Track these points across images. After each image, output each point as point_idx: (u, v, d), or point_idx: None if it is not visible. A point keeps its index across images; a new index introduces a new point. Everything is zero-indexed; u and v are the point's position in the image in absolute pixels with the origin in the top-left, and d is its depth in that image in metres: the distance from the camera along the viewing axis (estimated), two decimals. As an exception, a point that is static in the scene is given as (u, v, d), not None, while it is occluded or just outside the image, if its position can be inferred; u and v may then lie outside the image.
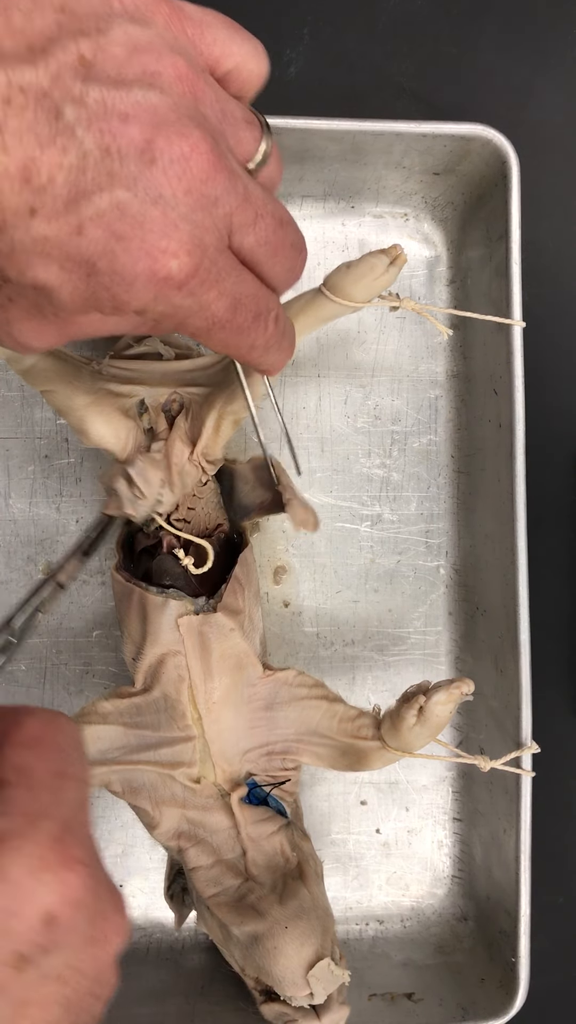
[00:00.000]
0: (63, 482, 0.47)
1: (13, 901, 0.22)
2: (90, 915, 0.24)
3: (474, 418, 0.48)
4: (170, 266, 0.25)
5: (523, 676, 0.42)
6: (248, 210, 0.27)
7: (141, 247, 0.24)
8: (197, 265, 0.26)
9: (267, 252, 0.29)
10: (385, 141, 0.42)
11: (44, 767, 0.25)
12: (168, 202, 0.25)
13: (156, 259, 0.25)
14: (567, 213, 0.50)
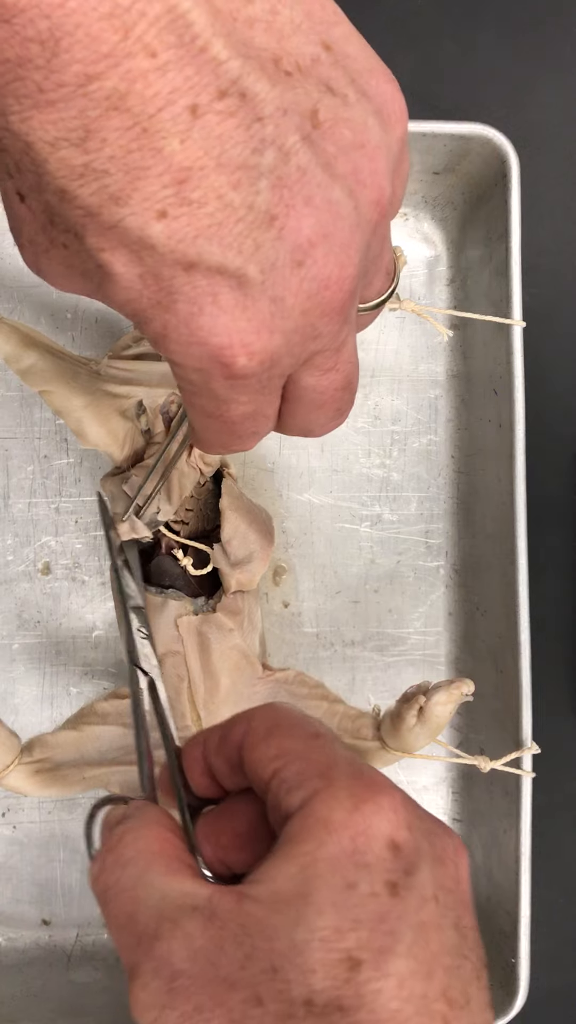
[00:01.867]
0: (62, 482, 0.47)
1: (354, 840, 0.23)
2: (425, 834, 0.24)
3: (474, 418, 0.47)
4: (237, 360, 0.22)
5: (523, 676, 0.42)
6: (331, 359, 0.25)
7: (229, 326, 0.22)
8: (259, 375, 0.23)
9: (313, 402, 0.27)
10: (385, 141, 0.42)
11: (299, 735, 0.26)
12: (282, 308, 0.22)
13: (232, 344, 0.22)
14: (567, 213, 0.50)
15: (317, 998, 0.21)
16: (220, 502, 0.40)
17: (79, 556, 0.47)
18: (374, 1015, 0.21)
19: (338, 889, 0.22)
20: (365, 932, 0.22)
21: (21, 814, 0.47)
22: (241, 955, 0.22)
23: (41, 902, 0.47)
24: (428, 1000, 0.22)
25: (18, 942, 0.47)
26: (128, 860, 0.25)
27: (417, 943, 0.22)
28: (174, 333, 0.22)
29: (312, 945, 0.21)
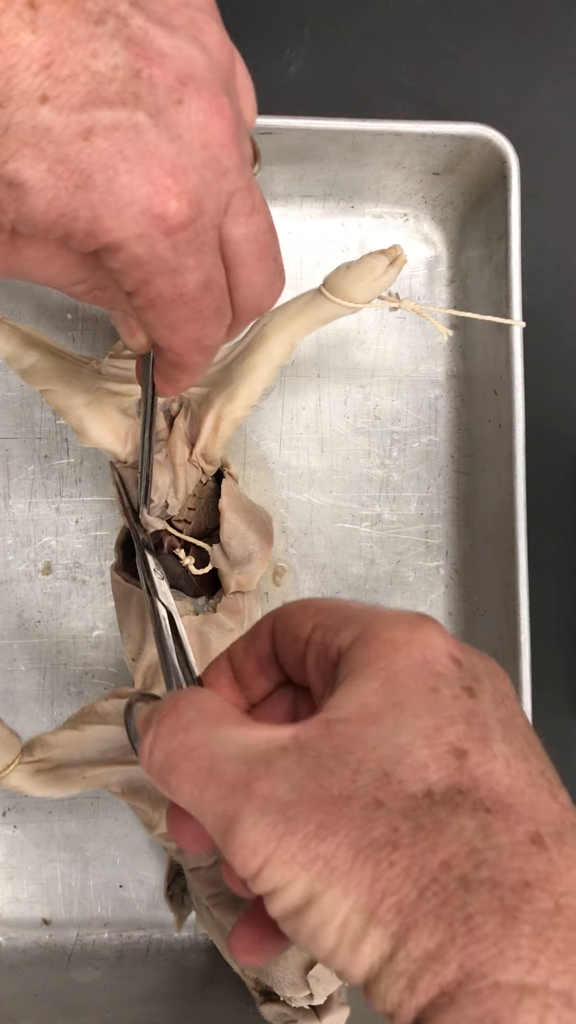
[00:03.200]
0: (63, 482, 0.47)
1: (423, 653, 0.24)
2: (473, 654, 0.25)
3: (474, 418, 0.48)
4: (169, 205, 0.24)
5: (523, 676, 0.42)
6: (248, 199, 0.26)
7: (146, 174, 0.23)
8: (193, 219, 0.24)
9: (253, 252, 0.28)
10: (385, 141, 0.42)
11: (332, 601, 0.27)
12: (185, 146, 0.24)
13: (158, 192, 0.23)
14: (567, 213, 0.50)
15: (436, 788, 0.21)
16: (219, 502, 0.40)
17: (79, 556, 0.47)
18: (493, 791, 0.22)
19: (425, 693, 0.23)
20: (462, 726, 0.22)
21: (22, 814, 0.47)
22: (349, 771, 0.22)
23: (42, 902, 0.47)
24: (533, 776, 0.23)
25: (18, 942, 0.47)
26: (190, 721, 0.24)
27: (508, 733, 0.23)
28: (103, 207, 0.23)
29: (418, 743, 0.22)
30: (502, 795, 0.22)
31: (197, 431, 0.40)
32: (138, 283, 0.25)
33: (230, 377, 0.39)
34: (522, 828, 0.21)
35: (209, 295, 0.27)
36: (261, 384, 0.39)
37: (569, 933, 0.20)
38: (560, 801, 0.23)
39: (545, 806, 0.22)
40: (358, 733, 0.23)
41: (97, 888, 0.47)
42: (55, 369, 0.38)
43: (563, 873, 0.20)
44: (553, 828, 0.21)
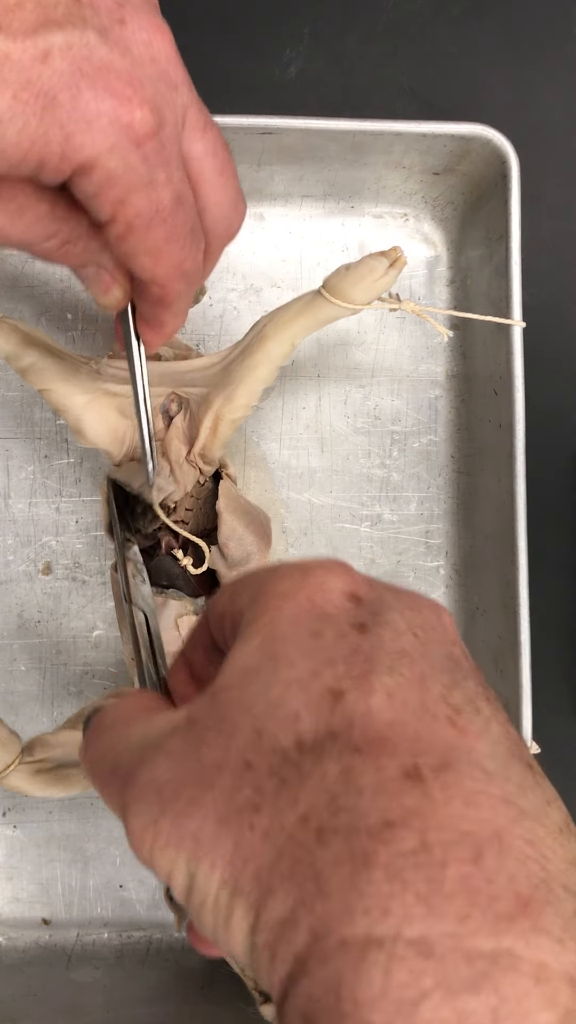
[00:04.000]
0: (63, 482, 0.47)
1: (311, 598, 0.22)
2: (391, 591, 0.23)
3: (474, 418, 0.47)
4: (134, 114, 0.24)
5: (523, 677, 0.42)
6: (201, 115, 0.28)
7: (107, 87, 0.24)
8: (157, 129, 0.25)
9: (215, 167, 0.29)
10: (385, 141, 0.42)
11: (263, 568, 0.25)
12: (135, 60, 0.25)
13: (121, 102, 0.24)
14: (567, 213, 0.50)
15: (306, 737, 0.20)
16: (217, 504, 0.40)
17: (79, 556, 0.47)
18: (369, 728, 0.20)
19: (304, 639, 0.21)
20: (342, 666, 0.21)
21: (22, 814, 0.47)
22: (223, 738, 0.20)
23: (42, 902, 0.47)
24: (426, 705, 0.20)
25: (18, 942, 0.47)
26: (108, 726, 0.24)
27: (400, 663, 0.21)
28: (72, 124, 0.24)
29: (290, 693, 0.20)
30: (379, 731, 0.20)
31: (196, 431, 0.40)
32: (115, 204, 0.26)
33: (229, 378, 0.39)
34: (395, 763, 0.19)
35: (183, 211, 0.27)
36: (260, 385, 0.39)
37: (434, 872, 0.18)
38: (460, 726, 0.20)
39: (434, 735, 0.20)
40: (237, 697, 0.21)
41: (97, 888, 0.47)
42: (54, 368, 0.38)
43: (439, 806, 0.18)
44: (437, 758, 0.19)
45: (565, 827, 0.20)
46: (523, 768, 0.21)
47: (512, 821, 0.19)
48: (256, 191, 0.47)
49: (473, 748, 0.20)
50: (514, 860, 0.18)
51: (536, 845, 0.19)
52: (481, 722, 0.21)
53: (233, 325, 0.48)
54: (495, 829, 0.18)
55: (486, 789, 0.19)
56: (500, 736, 0.21)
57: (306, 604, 0.22)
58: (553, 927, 0.18)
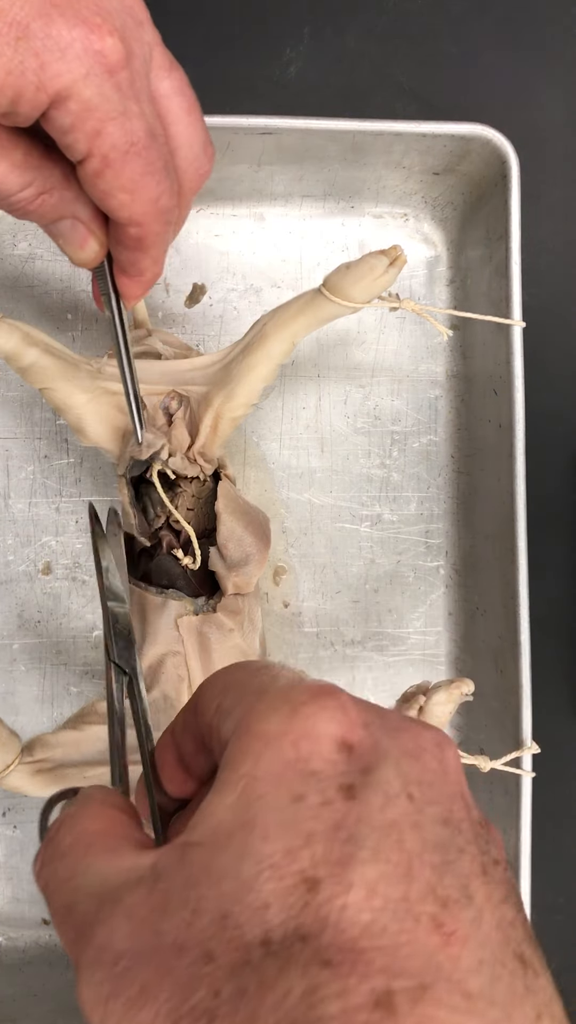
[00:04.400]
0: (62, 482, 0.47)
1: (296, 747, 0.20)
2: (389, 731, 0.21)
3: (474, 418, 0.48)
4: (106, 41, 0.25)
5: (523, 676, 0.42)
6: (166, 55, 0.28)
7: (77, 15, 0.25)
8: (127, 58, 0.26)
9: (183, 106, 0.29)
10: (385, 141, 0.42)
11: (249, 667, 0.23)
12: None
13: (92, 29, 0.25)
14: (567, 213, 0.50)
15: (274, 935, 0.17)
16: (216, 505, 0.40)
17: (79, 556, 0.47)
18: (342, 934, 0.17)
19: (283, 806, 0.19)
20: (320, 846, 0.18)
21: (22, 814, 0.47)
22: (188, 912, 0.18)
23: (41, 902, 0.47)
24: (410, 903, 0.18)
25: (18, 941, 0.47)
26: (66, 849, 0.21)
27: (386, 844, 0.18)
28: (46, 53, 0.24)
29: (262, 876, 0.18)
30: (354, 938, 0.17)
31: (196, 430, 0.40)
32: (91, 136, 0.26)
33: (230, 376, 0.39)
34: (367, 986, 0.17)
35: (156, 146, 0.28)
36: (261, 383, 0.39)
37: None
38: (446, 931, 0.18)
39: (415, 946, 0.17)
40: (207, 863, 0.19)
41: (97, 888, 0.47)
42: (54, 368, 0.38)
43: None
44: (414, 980, 0.17)
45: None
46: (513, 971, 0.19)
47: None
48: (256, 191, 0.47)
49: (458, 962, 0.18)
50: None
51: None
52: (470, 917, 0.18)
53: (233, 325, 0.48)
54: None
55: (465, 1022, 0.17)
56: (491, 929, 0.19)
57: (291, 754, 0.19)
58: None
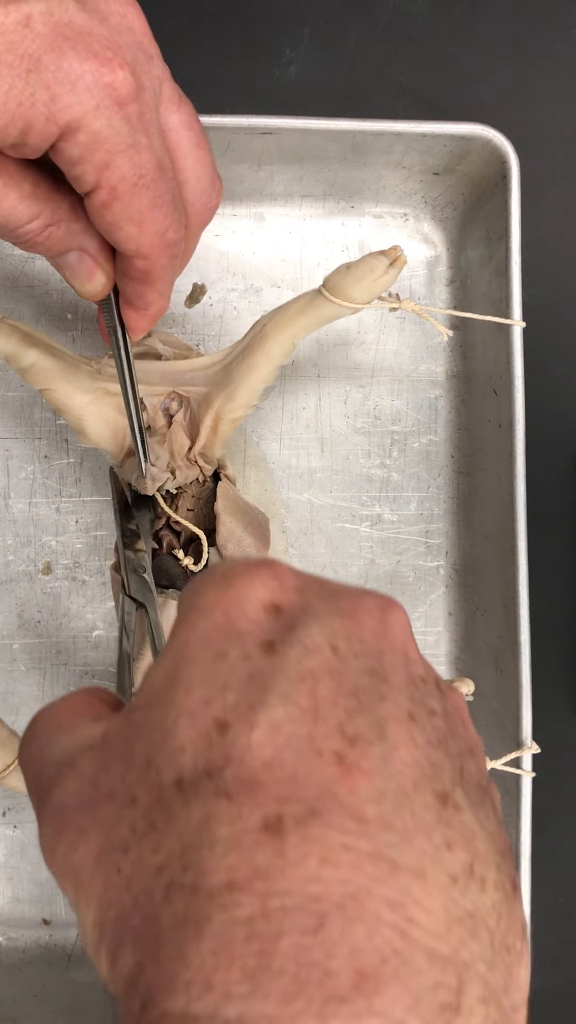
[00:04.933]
0: (63, 482, 0.47)
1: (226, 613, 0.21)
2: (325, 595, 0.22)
3: (474, 418, 0.47)
4: (116, 74, 0.25)
5: (523, 676, 0.42)
6: (176, 89, 0.28)
7: (88, 49, 0.25)
8: (137, 92, 0.26)
9: (192, 139, 0.29)
10: (385, 141, 0.42)
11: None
12: (113, 28, 0.26)
13: (103, 63, 0.25)
14: (567, 213, 0.50)
15: (186, 774, 0.18)
16: (215, 505, 0.40)
17: (79, 556, 0.47)
18: (243, 768, 0.18)
19: (207, 663, 0.20)
20: (233, 694, 0.19)
21: (22, 814, 0.47)
22: (122, 766, 0.19)
23: (42, 902, 0.47)
24: (314, 740, 0.19)
25: (19, 942, 0.47)
26: (39, 732, 0.23)
27: (298, 689, 0.19)
28: (57, 85, 0.24)
29: (180, 724, 0.19)
30: (254, 771, 0.18)
31: (196, 430, 0.40)
32: (100, 168, 0.26)
33: (230, 377, 0.39)
34: (258, 812, 0.18)
35: (164, 179, 0.28)
36: (261, 384, 0.39)
37: (267, 944, 0.16)
38: (347, 763, 0.18)
39: (312, 777, 0.18)
40: (142, 720, 0.20)
41: (97, 888, 0.47)
42: (55, 368, 0.38)
43: (289, 866, 0.17)
44: (305, 805, 0.18)
45: (464, 872, 0.18)
46: (426, 805, 0.19)
47: (376, 880, 0.17)
48: (256, 191, 0.47)
49: (354, 792, 0.18)
50: (364, 929, 0.17)
51: (402, 907, 0.17)
52: (379, 754, 0.19)
53: (233, 325, 0.48)
54: (349, 892, 0.17)
55: (353, 843, 0.17)
56: (405, 767, 0.19)
57: (220, 619, 0.21)
58: (394, 1007, 0.16)
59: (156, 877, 0.18)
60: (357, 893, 0.17)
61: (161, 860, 0.18)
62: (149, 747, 0.19)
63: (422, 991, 0.16)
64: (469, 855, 0.19)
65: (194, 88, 0.39)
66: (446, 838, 0.18)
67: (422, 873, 0.18)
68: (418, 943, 0.17)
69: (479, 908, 0.18)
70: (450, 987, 0.17)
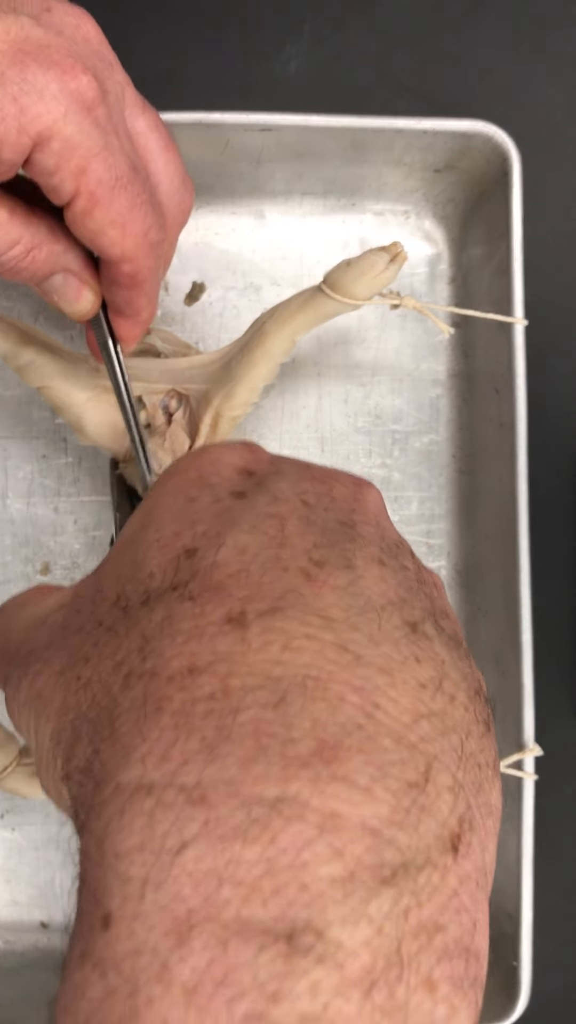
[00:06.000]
0: (61, 482, 0.47)
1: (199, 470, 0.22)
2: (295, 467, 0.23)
3: (476, 418, 0.47)
4: (80, 80, 0.25)
5: (525, 678, 0.41)
6: (138, 95, 0.29)
7: (50, 59, 0.25)
8: (102, 95, 0.26)
9: (159, 142, 0.30)
10: (385, 138, 0.42)
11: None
12: (69, 39, 0.26)
13: (65, 70, 0.25)
14: (569, 210, 0.50)
15: (153, 593, 0.19)
16: None
17: (77, 556, 0.47)
18: (208, 578, 0.18)
19: (178, 506, 0.21)
20: (203, 527, 0.20)
21: (20, 816, 0.46)
22: (92, 605, 0.20)
23: (40, 905, 0.46)
24: (281, 559, 0.19)
25: (17, 945, 0.46)
26: (5, 610, 0.24)
27: (266, 523, 0.20)
28: (24, 96, 0.25)
29: (149, 554, 0.20)
30: (219, 580, 0.18)
31: (195, 429, 0.39)
32: (76, 175, 0.26)
33: (229, 375, 0.39)
34: (221, 610, 0.18)
35: (139, 180, 0.28)
36: (261, 382, 0.38)
37: (226, 718, 0.16)
38: (314, 577, 0.19)
39: (278, 583, 0.18)
40: (112, 566, 0.21)
41: (96, 891, 0.47)
42: (52, 366, 0.38)
43: (252, 651, 0.17)
44: (270, 603, 0.18)
45: (432, 684, 0.18)
46: (395, 625, 0.19)
47: (340, 667, 0.17)
48: (256, 188, 0.46)
49: (321, 597, 0.18)
50: (326, 706, 0.17)
51: (367, 693, 0.17)
52: (347, 578, 0.19)
53: (232, 323, 0.47)
54: (312, 674, 0.17)
55: (317, 634, 0.17)
56: (372, 594, 0.19)
57: (193, 476, 0.22)
58: (359, 775, 0.16)
59: (114, 672, 0.18)
60: (320, 675, 0.17)
61: (121, 657, 0.18)
62: (119, 583, 0.20)
63: (387, 765, 0.16)
64: (438, 673, 0.18)
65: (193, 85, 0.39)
66: (415, 653, 0.18)
67: (389, 671, 0.17)
68: (383, 725, 0.17)
69: (448, 717, 0.18)
70: (417, 769, 0.17)
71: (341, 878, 0.15)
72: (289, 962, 0.14)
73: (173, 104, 0.37)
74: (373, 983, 0.15)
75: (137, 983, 0.15)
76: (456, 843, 0.16)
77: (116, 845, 0.16)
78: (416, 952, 0.15)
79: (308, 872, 0.15)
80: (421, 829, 0.16)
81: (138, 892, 0.15)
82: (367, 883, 0.15)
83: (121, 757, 0.16)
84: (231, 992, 0.14)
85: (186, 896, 0.15)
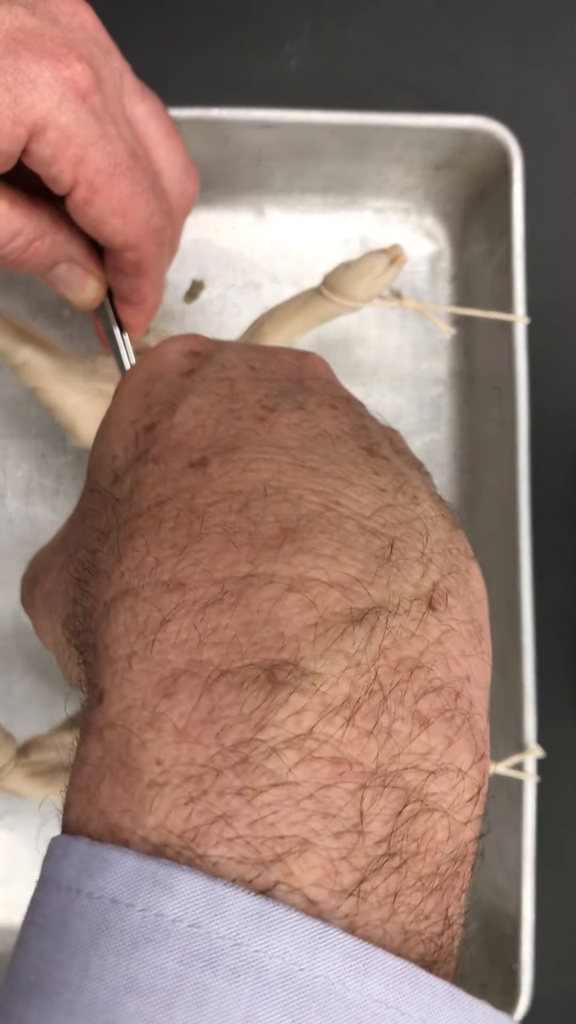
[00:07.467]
0: (59, 481, 0.47)
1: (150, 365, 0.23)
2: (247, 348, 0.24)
3: (477, 417, 0.47)
4: (74, 68, 0.25)
5: (526, 679, 0.41)
6: (137, 82, 0.29)
7: (43, 48, 0.25)
8: (98, 83, 0.26)
9: (160, 129, 0.29)
10: (386, 135, 0.42)
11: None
12: (65, 27, 0.26)
13: (59, 59, 0.25)
14: (571, 208, 0.49)
15: (120, 471, 0.21)
16: None
17: (77, 556, 0.47)
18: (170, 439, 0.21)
19: (133, 401, 0.22)
20: (157, 407, 0.22)
21: (18, 816, 0.46)
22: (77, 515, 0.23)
23: (38, 906, 0.46)
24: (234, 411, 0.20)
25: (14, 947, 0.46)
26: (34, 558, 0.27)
27: (216, 386, 0.21)
28: (18, 86, 0.25)
29: (112, 443, 0.21)
30: (179, 439, 0.20)
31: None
32: (75, 164, 0.26)
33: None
34: (184, 458, 0.19)
35: (140, 166, 0.28)
36: None
37: (195, 527, 0.18)
38: (267, 420, 0.20)
39: (233, 430, 0.20)
40: (90, 469, 0.23)
41: (95, 892, 0.47)
42: (48, 366, 0.38)
43: (214, 478, 0.19)
44: (227, 444, 0.19)
45: (392, 487, 0.19)
46: (352, 448, 0.20)
47: (299, 477, 0.18)
48: (256, 185, 0.46)
49: (274, 432, 0.20)
50: (289, 505, 0.18)
51: (327, 495, 0.18)
52: (299, 417, 0.20)
53: (232, 321, 0.47)
54: (272, 484, 0.18)
55: (274, 456, 0.19)
56: (325, 425, 0.20)
57: (143, 374, 0.23)
58: (324, 547, 0.17)
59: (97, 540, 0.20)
60: (280, 484, 0.18)
61: (100, 525, 0.20)
62: (90, 478, 0.22)
63: (351, 539, 0.17)
64: (398, 481, 0.20)
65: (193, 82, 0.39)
66: (372, 468, 0.20)
67: (348, 480, 0.19)
68: (345, 516, 0.18)
69: (410, 511, 0.19)
70: (383, 544, 0.18)
71: (313, 623, 0.16)
72: (271, 694, 0.16)
73: (173, 100, 0.37)
74: (356, 710, 0.16)
75: (130, 733, 0.17)
76: (433, 603, 0.18)
77: (104, 639, 0.17)
78: (396, 683, 0.16)
79: (282, 623, 0.16)
80: (393, 587, 0.17)
81: (125, 665, 0.17)
82: (339, 625, 0.16)
83: (104, 583, 0.18)
84: (219, 727, 0.16)
85: (170, 660, 0.16)
